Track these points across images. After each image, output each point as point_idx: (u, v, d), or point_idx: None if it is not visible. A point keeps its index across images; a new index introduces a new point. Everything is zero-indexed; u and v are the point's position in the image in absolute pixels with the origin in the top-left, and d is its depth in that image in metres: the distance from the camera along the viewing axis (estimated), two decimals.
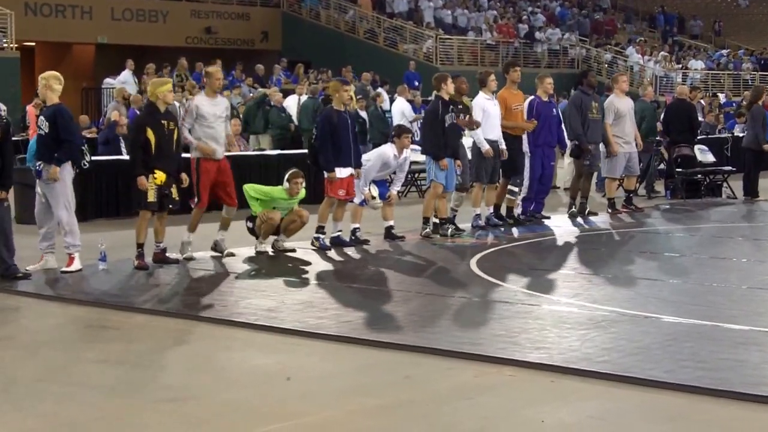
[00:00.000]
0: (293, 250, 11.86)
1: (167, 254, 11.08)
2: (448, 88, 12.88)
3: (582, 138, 14.79)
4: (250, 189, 11.91)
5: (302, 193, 11.96)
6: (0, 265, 10.12)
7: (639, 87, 22.03)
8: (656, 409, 5.99)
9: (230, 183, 11.51)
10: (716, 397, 6.11)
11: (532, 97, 14.46)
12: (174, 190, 10.96)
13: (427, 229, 12.94)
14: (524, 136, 14.10)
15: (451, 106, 12.89)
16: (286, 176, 11.86)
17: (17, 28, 27.35)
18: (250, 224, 11.86)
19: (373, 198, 12.61)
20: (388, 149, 12.84)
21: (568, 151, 15.88)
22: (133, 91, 22.36)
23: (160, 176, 10.76)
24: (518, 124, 13.92)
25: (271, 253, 11.75)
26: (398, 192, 13.48)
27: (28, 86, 26.47)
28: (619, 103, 15.43)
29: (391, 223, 12.84)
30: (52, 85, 10.60)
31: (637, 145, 15.72)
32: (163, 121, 10.84)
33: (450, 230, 13.06)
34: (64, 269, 10.43)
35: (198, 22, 35.20)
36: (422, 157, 13.94)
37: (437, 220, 13.30)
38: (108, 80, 26.10)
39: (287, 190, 11.79)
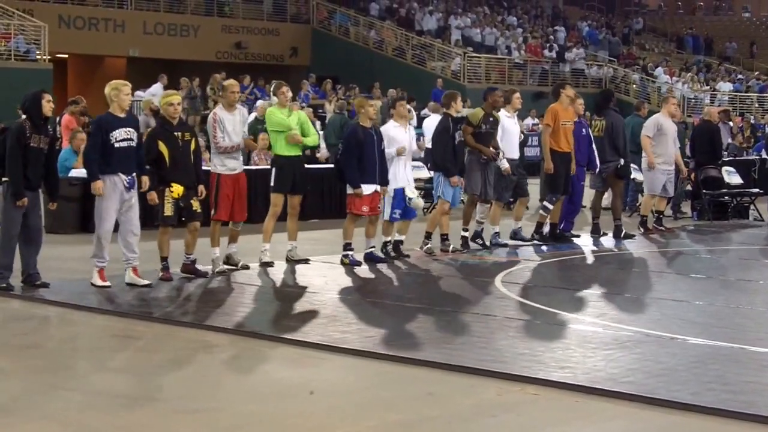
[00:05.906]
0: (306, 261, 11.93)
1: (197, 266, 11.00)
2: (457, 107, 13.00)
3: (628, 159, 15.09)
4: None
5: (311, 138, 11.83)
6: (22, 273, 10.19)
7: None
8: (681, 431, 5.95)
9: (243, 196, 11.49)
10: (742, 420, 6.06)
11: None
12: (196, 203, 10.80)
13: (429, 244, 12.93)
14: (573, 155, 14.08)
15: (459, 124, 12.89)
16: (272, 89, 11.87)
17: (51, 41, 27.61)
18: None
19: (410, 199, 12.47)
20: (389, 126, 12.56)
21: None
22: None
23: (176, 189, 10.60)
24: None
25: (288, 263, 11.76)
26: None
27: (61, 98, 26.64)
28: (665, 121, 15.68)
29: (402, 238, 12.78)
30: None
31: (680, 171, 16.28)
32: (176, 133, 10.67)
33: (451, 246, 13.08)
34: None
35: (228, 37, 35.44)
36: (425, 174, 13.86)
37: (467, 234, 13.34)
38: (138, 93, 26.25)
39: (278, 104, 11.72)
